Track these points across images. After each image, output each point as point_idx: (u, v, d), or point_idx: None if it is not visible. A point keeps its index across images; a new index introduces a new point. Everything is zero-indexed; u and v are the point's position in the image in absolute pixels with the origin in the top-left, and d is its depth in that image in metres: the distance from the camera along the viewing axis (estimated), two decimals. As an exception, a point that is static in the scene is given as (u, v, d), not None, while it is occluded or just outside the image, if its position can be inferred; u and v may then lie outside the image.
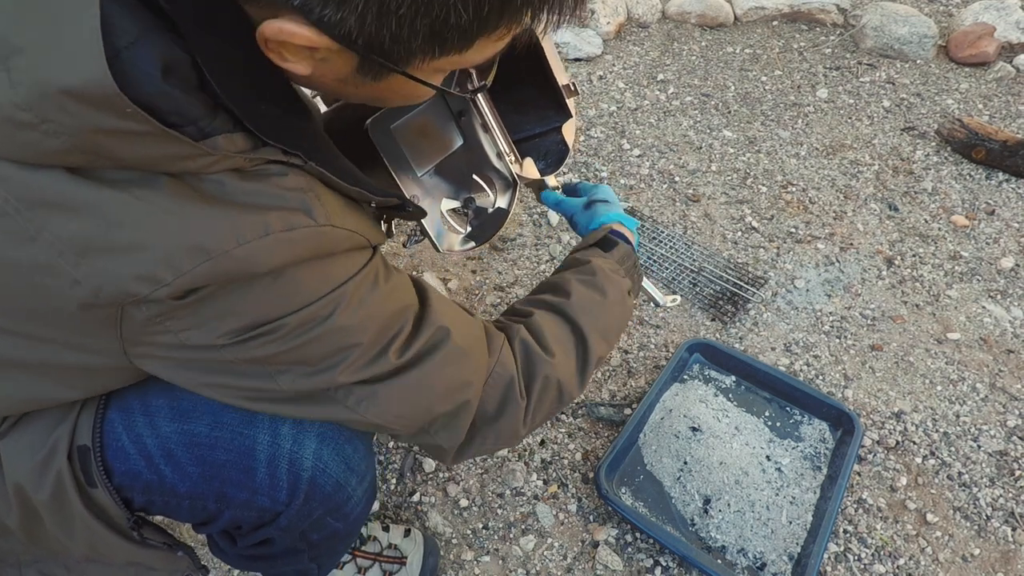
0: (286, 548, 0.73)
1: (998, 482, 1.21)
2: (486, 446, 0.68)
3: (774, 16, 2.72)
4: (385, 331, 0.59)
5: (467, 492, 1.19)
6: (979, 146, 1.94)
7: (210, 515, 0.68)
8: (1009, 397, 1.35)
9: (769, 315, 1.53)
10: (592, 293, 0.78)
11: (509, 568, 1.09)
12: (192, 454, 0.65)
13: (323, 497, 0.68)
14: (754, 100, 2.29)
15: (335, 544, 0.79)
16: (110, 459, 0.64)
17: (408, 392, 0.60)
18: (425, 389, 0.61)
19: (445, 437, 0.65)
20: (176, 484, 0.65)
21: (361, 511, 0.75)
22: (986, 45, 2.41)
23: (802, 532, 1.11)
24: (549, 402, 0.71)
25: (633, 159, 2.00)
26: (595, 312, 0.77)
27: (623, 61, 2.49)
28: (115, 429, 0.64)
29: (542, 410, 0.71)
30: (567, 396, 0.73)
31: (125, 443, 0.64)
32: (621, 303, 0.80)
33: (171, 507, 0.67)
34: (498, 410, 0.67)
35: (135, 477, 0.64)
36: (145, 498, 0.66)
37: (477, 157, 0.87)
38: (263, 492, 0.66)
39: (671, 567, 1.09)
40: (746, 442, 1.22)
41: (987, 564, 1.10)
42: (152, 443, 0.64)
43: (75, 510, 0.63)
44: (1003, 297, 1.57)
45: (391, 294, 0.60)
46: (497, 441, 0.69)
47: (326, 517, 0.71)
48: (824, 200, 1.86)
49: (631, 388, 1.36)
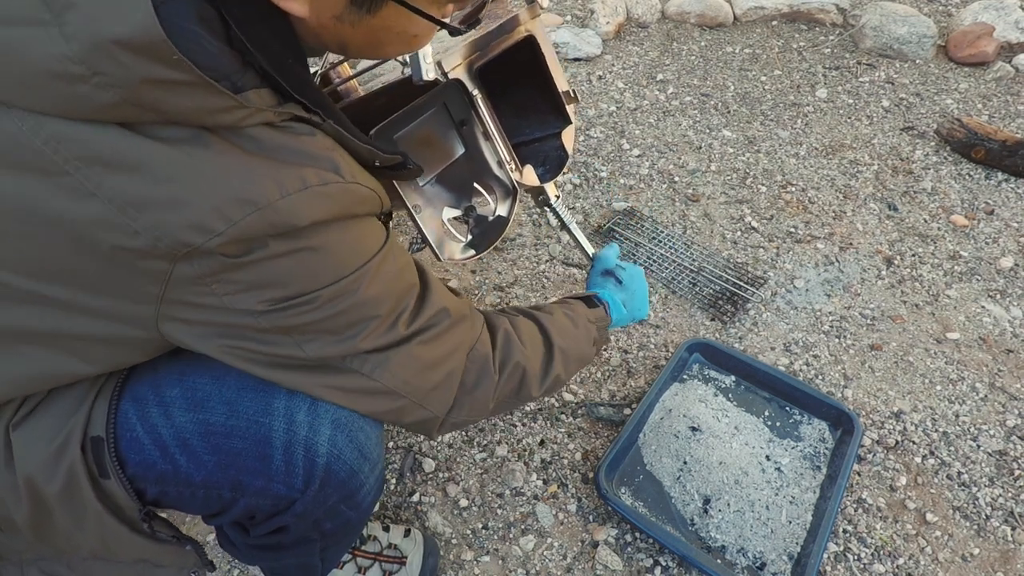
0: (299, 537, 0.73)
1: (997, 482, 1.21)
2: (461, 416, 0.73)
3: (773, 16, 2.73)
4: (398, 303, 0.65)
5: (467, 492, 1.19)
6: (978, 146, 1.94)
7: (224, 504, 0.68)
8: (1008, 397, 1.35)
9: (769, 315, 1.53)
10: (568, 323, 0.90)
11: (509, 568, 1.09)
12: (208, 443, 0.65)
13: (338, 484, 0.69)
14: (753, 100, 2.29)
15: (344, 536, 0.80)
16: (124, 450, 0.64)
17: (414, 359, 0.66)
18: (428, 356, 0.67)
19: (437, 403, 0.70)
20: (192, 473, 0.65)
21: (372, 500, 0.76)
22: (985, 45, 2.41)
23: (802, 532, 1.11)
24: (512, 387, 0.79)
25: (633, 159, 2.00)
26: (566, 335, 0.88)
27: (622, 61, 2.49)
28: (129, 420, 0.64)
29: (505, 392, 0.78)
30: (526, 389, 0.81)
31: (139, 434, 0.64)
32: (587, 342, 0.93)
33: (184, 498, 0.67)
34: (476, 381, 0.74)
35: (149, 467, 0.65)
36: (158, 488, 0.66)
37: (478, 165, 0.88)
38: (279, 479, 0.66)
39: (671, 567, 1.09)
40: (746, 442, 1.22)
41: (987, 564, 1.10)
42: (167, 433, 0.65)
43: (87, 502, 0.63)
44: (1002, 297, 1.57)
45: (403, 271, 0.67)
46: (470, 412, 0.74)
47: (340, 505, 0.71)
48: (823, 200, 1.86)
49: (631, 388, 1.36)
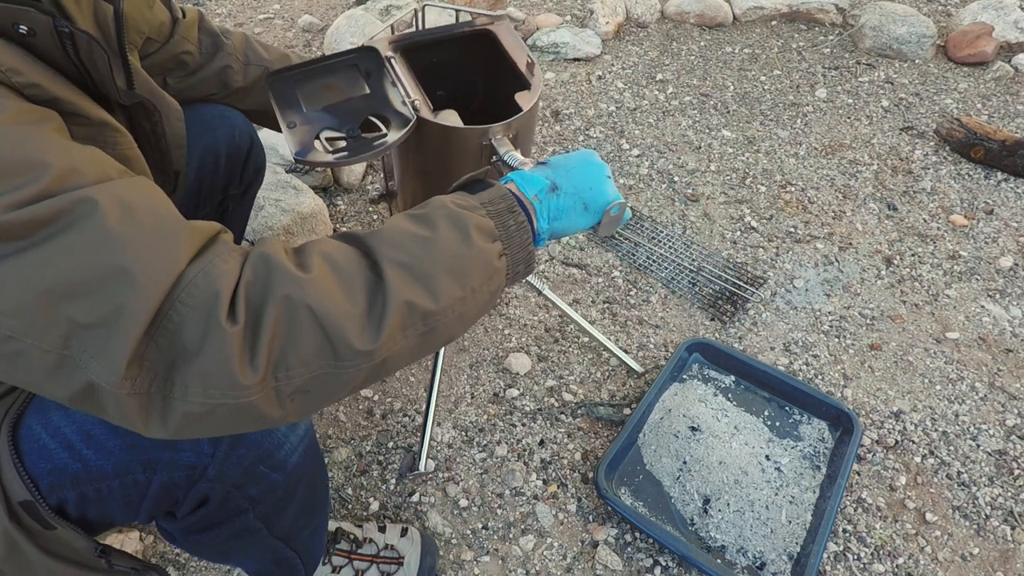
0: (227, 508, 0.68)
1: (997, 481, 1.21)
2: (191, 397, 0.48)
3: (773, 16, 2.73)
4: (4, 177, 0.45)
5: (467, 492, 1.19)
6: (978, 145, 1.94)
7: (141, 489, 0.64)
8: (1008, 396, 1.35)
9: (768, 315, 1.53)
10: (411, 227, 0.59)
11: (509, 568, 1.09)
12: (108, 428, 0.62)
13: (251, 443, 0.65)
14: (753, 100, 2.29)
15: (282, 503, 0.73)
16: (33, 464, 0.61)
17: (22, 277, 0.44)
18: (50, 278, 0.45)
19: (98, 367, 0.46)
20: (102, 464, 0.62)
21: (300, 462, 0.71)
22: (984, 45, 2.41)
23: (801, 531, 1.11)
24: (304, 339, 0.50)
25: (632, 159, 2.00)
26: (406, 245, 0.57)
27: (622, 61, 2.49)
28: (33, 431, 0.63)
29: (293, 350, 0.50)
30: (340, 336, 0.51)
31: (45, 440, 0.62)
32: (463, 243, 0.59)
33: (104, 497, 0.64)
34: (200, 338, 0.47)
35: (62, 473, 0.62)
36: (77, 493, 0.63)
37: (379, 102, 0.86)
38: (185, 447, 0.63)
39: (671, 567, 1.09)
40: (745, 442, 1.22)
41: (986, 563, 1.10)
42: (70, 431, 0.62)
43: (35, 560, 0.62)
44: (1002, 296, 1.57)
45: (24, 136, 0.47)
46: (206, 389, 0.48)
47: (258, 465, 0.66)
48: (823, 200, 1.86)
49: (630, 388, 1.36)
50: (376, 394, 1.36)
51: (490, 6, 2.69)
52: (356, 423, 1.31)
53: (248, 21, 2.82)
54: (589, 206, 0.74)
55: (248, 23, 2.80)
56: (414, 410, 1.33)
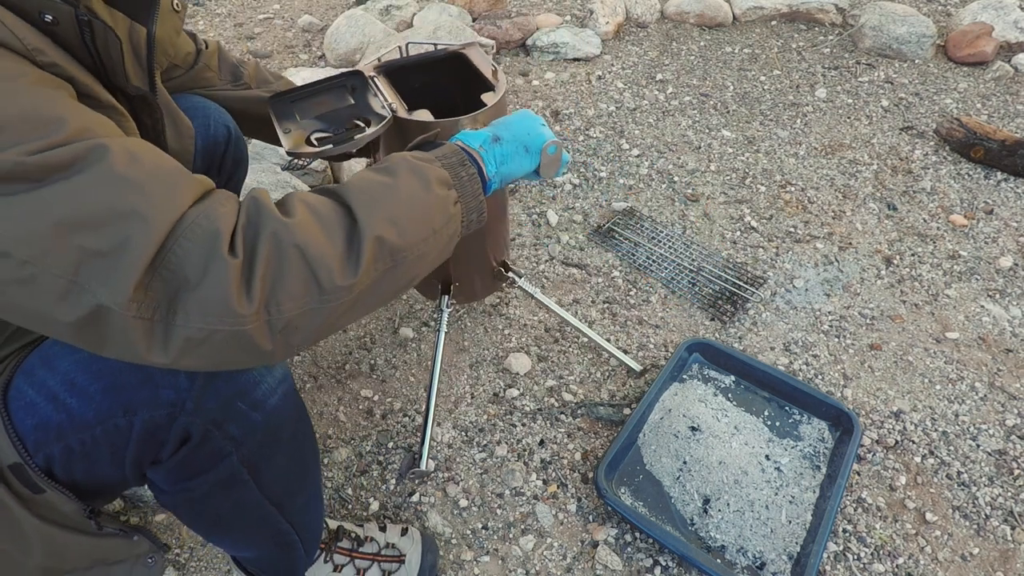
0: (209, 449, 0.68)
1: (997, 481, 1.21)
2: (191, 323, 0.53)
3: (773, 16, 2.73)
4: (3, 125, 0.50)
5: (466, 492, 1.19)
6: (977, 145, 1.94)
7: (124, 435, 0.65)
8: (1008, 396, 1.35)
9: (768, 315, 1.53)
10: (375, 176, 0.67)
11: (509, 568, 1.09)
12: (90, 373, 0.64)
13: (225, 378, 0.66)
14: (753, 100, 2.29)
15: (264, 447, 0.73)
16: (19, 422, 0.63)
17: (38, 210, 0.49)
18: (64, 211, 0.49)
19: (106, 292, 0.50)
20: (84, 412, 0.63)
21: (279, 405, 0.71)
22: (984, 44, 2.41)
23: (801, 531, 1.11)
24: (293, 275, 0.56)
25: (632, 159, 2.00)
26: (373, 192, 0.65)
27: (622, 61, 2.49)
28: (20, 390, 0.65)
29: (282, 283, 0.55)
30: (324, 271, 0.57)
31: (31, 396, 0.64)
32: (423, 189, 0.67)
33: (89, 450, 0.65)
34: (200, 270, 0.52)
35: (46, 427, 0.64)
36: (62, 446, 0.64)
37: (361, 108, 0.98)
38: (164, 383, 0.64)
39: (671, 567, 1.09)
40: (745, 441, 1.22)
41: (986, 563, 1.10)
42: (54, 382, 0.64)
43: (26, 524, 0.64)
44: (1001, 296, 1.57)
45: (45, 96, 0.53)
46: (205, 316, 0.52)
47: (236, 402, 0.67)
48: (823, 200, 1.86)
49: (630, 388, 1.36)
50: (376, 394, 1.36)
51: (491, 6, 2.69)
52: (356, 423, 1.31)
53: (248, 21, 2.82)
54: (530, 148, 0.84)
55: (248, 23, 2.80)
56: (414, 410, 1.33)
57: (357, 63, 2.35)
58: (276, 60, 2.52)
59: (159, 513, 1.17)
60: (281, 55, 2.56)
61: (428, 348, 1.45)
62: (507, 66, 2.45)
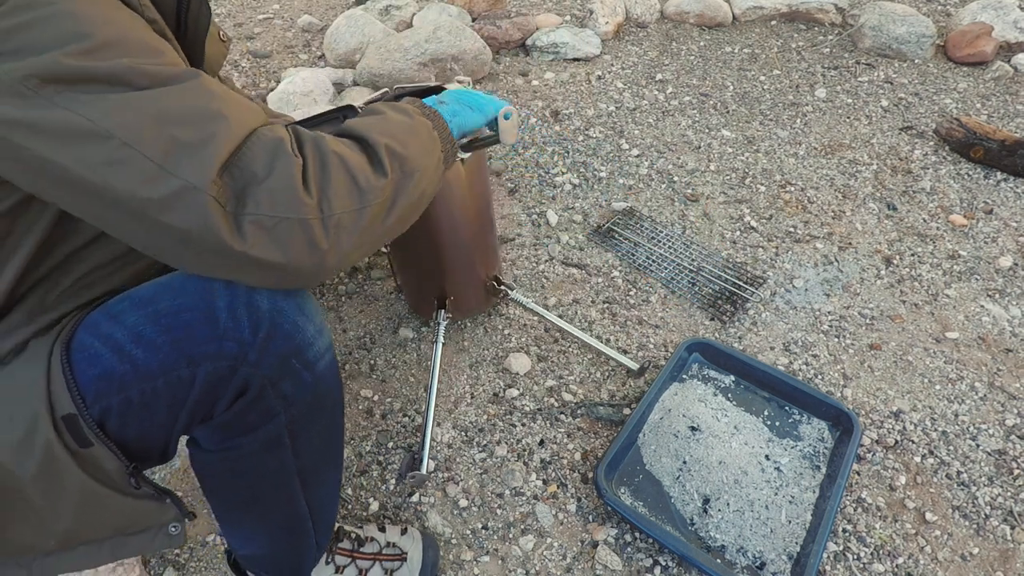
0: (261, 406, 0.71)
1: (997, 481, 1.21)
2: (261, 209, 0.61)
3: (772, 16, 2.73)
4: (124, 44, 0.58)
5: (466, 492, 1.19)
6: (977, 145, 1.95)
7: (186, 386, 0.67)
8: (1007, 396, 1.35)
9: (768, 314, 1.53)
10: (367, 115, 0.80)
11: (509, 568, 1.09)
12: (160, 326, 0.66)
13: (284, 335, 0.69)
14: (752, 100, 2.29)
15: (310, 414, 0.77)
16: (82, 373, 0.65)
17: (143, 105, 0.58)
18: (163, 107, 0.59)
19: (191, 169, 0.58)
20: (149, 362, 0.65)
21: (326, 368, 0.75)
22: (984, 44, 2.41)
23: (801, 531, 1.11)
24: (336, 176, 0.66)
25: (632, 159, 2.00)
26: (369, 121, 0.76)
27: (622, 61, 2.49)
28: (84, 342, 0.66)
29: (330, 183, 0.65)
30: (360, 174, 0.68)
31: (97, 347, 0.65)
32: (407, 116, 0.80)
33: (148, 401, 0.67)
34: (268, 167, 0.62)
35: (109, 378, 0.65)
36: (122, 398, 0.66)
37: None
38: (229, 336, 0.66)
39: (670, 567, 1.09)
40: (745, 441, 1.22)
41: (986, 563, 1.10)
42: (121, 334, 0.66)
43: (69, 476, 0.65)
44: (1001, 296, 1.58)
45: (152, 35, 0.63)
46: (274, 204, 0.61)
47: (291, 359, 0.70)
48: (823, 200, 1.86)
49: (630, 388, 1.36)
50: (376, 394, 1.36)
51: (490, 5, 2.69)
52: (356, 423, 1.31)
53: (248, 21, 2.82)
54: (473, 107, 0.94)
55: (248, 23, 2.80)
56: (414, 410, 1.33)
57: (357, 63, 2.36)
58: (276, 60, 2.52)
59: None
60: (281, 55, 2.56)
61: (428, 348, 1.45)
62: (507, 66, 2.45)
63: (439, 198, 1.22)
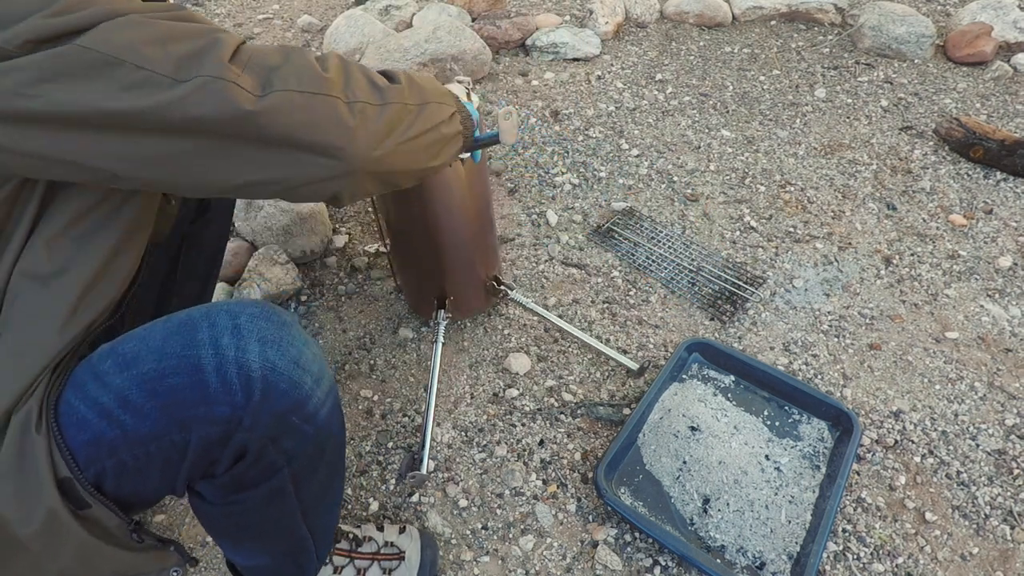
0: (263, 464, 0.70)
1: (996, 481, 1.21)
2: (289, 84, 0.65)
3: (772, 16, 2.73)
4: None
5: (466, 492, 1.19)
6: (977, 145, 1.95)
7: (179, 450, 0.66)
8: (1007, 396, 1.35)
9: (768, 314, 1.53)
10: None
11: (508, 568, 1.09)
12: (145, 391, 0.64)
13: (280, 393, 0.67)
14: (752, 100, 2.29)
15: (312, 462, 0.76)
16: (71, 437, 0.64)
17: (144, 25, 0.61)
18: (159, 29, 0.62)
19: (204, 68, 0.62)
20: (139, 428, 0.64)
21: (328, 416, 0.74)
22: (984, 44, 2.41)
23: (801, 531, 1.11)
24: (356, 74, 0.71)
25: (631, 159, 2.00)
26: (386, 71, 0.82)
27: (621, 61, 2.49)
28: (71, 405, 0.65)
29: (352, 77, 0.70)
30: (378, 79, 0.74)
31: (83, 412, 0.64)
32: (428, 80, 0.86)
33: (142, 465, 0.66)
34: (283, 58, 0.67)
35: (99, 443, 0.64)
36: (115, 461, 0.65)
37: None
38: (220, 400, 0.65)
39: (670, 567, 1.09)
40: (745, 441, 1.22)
41: (986, 563, 1.10)
42: (107, 399, 0.64)
43: (70, 534, 0.63)
44: (1001, 296, 1.58)
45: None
46: (300, 81, 0.66)
47: (290, 416, 0.69)
48: (822, 199, 1.86)
49: (630, 388, 1.36)
50: (376, 394, 1.36)
51: (490, 5, 2.69)
52: (356, 423, 1.31)
53: (247, 21, 2.82)
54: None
55: (247, 23, 2.80)
56: (413, 410, 1.33)
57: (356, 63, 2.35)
58: (275, 60, 2.52)
59: (159, 514, 1.17)
60: (280, 55, 2.55)
61: (427, 348, 1.45)
62: (506, 66, 2.45)
63: (439, 198, 1.21)
